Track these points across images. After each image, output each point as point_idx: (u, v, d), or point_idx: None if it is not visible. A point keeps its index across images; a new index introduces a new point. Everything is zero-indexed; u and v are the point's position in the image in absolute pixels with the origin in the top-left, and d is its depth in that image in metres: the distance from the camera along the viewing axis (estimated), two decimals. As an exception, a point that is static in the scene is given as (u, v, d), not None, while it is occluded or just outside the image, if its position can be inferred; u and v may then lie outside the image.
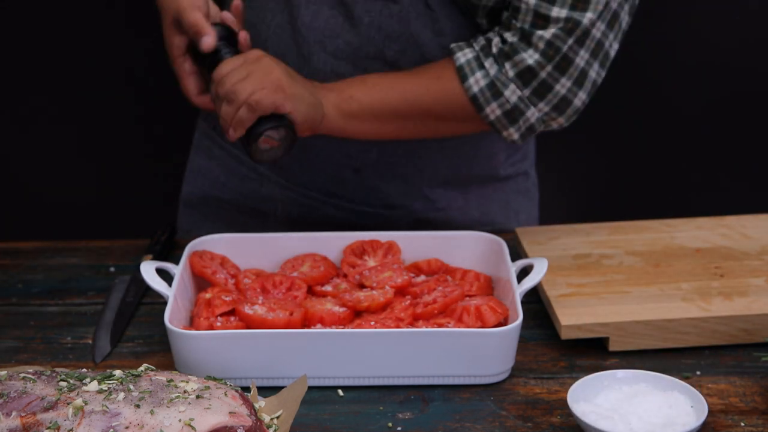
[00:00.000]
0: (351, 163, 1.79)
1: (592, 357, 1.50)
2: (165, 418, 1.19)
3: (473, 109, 1.63)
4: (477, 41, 1.63)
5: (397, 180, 1.81)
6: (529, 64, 1.59)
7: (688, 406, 1.33)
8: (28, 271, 1.75)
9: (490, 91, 1.61)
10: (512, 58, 1.59)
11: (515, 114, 1.62)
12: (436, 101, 1.64)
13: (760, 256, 1.68)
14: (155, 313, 1.61)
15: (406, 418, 1.38)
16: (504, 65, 1.60)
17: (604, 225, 1.79)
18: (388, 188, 1.82)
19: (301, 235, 1.66)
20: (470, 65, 1.61)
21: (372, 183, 1.81)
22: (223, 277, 1.59)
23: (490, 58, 1.61)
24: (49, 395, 1.22)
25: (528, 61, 1.59)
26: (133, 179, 2.67)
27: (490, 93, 1.61)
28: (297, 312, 1.49)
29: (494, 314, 1.48)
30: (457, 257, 1.64)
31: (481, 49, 1.62)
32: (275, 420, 1.28)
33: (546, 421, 1.37)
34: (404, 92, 1.63)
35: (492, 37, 1.62)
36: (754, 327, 1.51)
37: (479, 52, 1.61)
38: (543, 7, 1.56)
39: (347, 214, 1.83)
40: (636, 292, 1.58)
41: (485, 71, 1.60)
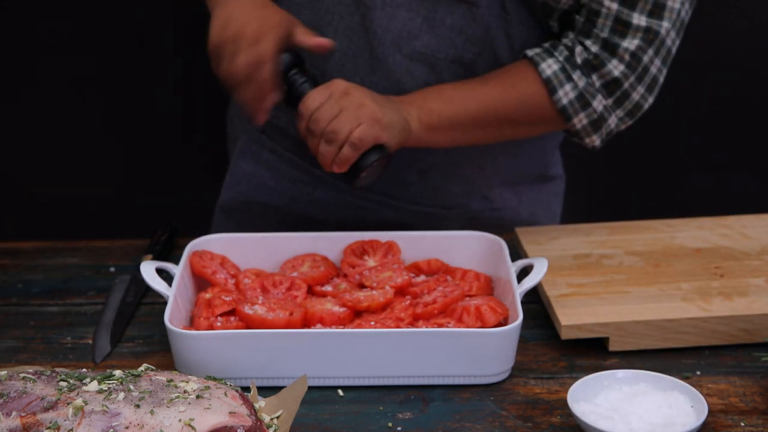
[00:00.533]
0: (416, 164, 1.78)
1: (592, 357, 1.50)
2: (165, 418, 1.19)
3: (560, 119, 1.66)
4: (558, 50, 1.64)
5: (459, 180, 1.81)
6: (616, 75, 1.62)
7: (688, 406, 1.33)
8: (28, 271, 1.75)
9: (579, 102, 1.64)
10: (599, 69, 1.62)
11: (600, 122, 1.66)
12: (515, 109, 1.65)
13: (760, 256, 1.68)
14: (155, 313, 1.61)
15: (406, 418, 1.38)
16: (591, 76, 1.63)
17: (604, 225, 1.79)
18: (450, 188, 1.81)
19: (301, 235, 1.66)
20: (558, 77, 1.63)
21: (435, 184, 1.81)
22: (223, 277, 1.59)
23: (578, 69, 1.63)
24: (49, 395, 1.22)
25: (614, 73, 1.62)
26: (134, 179, 2.67)
27: (579, 104, 1.64)
28: (297, 312, 1.49)
29: (494, 314, 1.48)
30: (457, 257, 1.64)
31: (566, 59, 1.63)
32: (275, 420, 1.28)
33: (546, 421, 1.37)
34: (482, 102, 1.64)
35: (573, 46, 1.63)
36: (754, 327, 1.51)
37: (564, 63, 1.63)
38: (624, 14, 1.59)
39: (404, 215, 1.81)
40: (636, 292, 1.58)
41: (574, 83, 1.63)
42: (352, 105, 1.54)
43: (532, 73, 1.64)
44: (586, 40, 1.63)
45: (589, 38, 1.62)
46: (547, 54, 1.64)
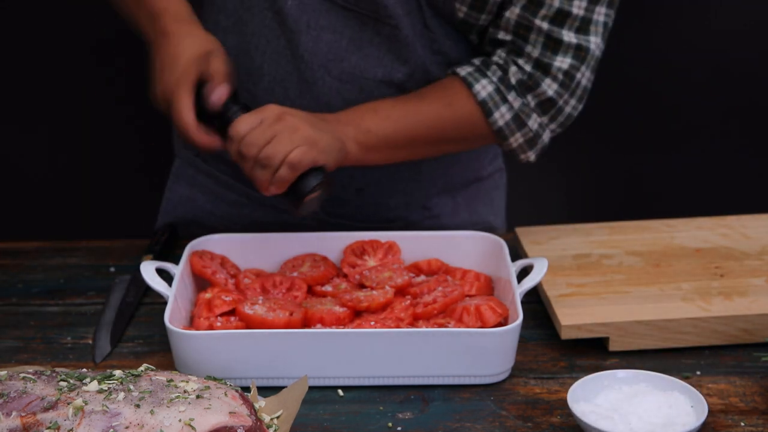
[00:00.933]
0: (353, 183, 1.78)
1: (592, 357, 1.50)
2: (165, 418, 1.19)
3: (496, 138, 1.66)
4: (491, 70, 1.63)
5: (398, 194, 1.81)
6: (550, 95, 1.63)
7: (688, 406, 1.33)
8: (28, 271, 1.75)
9: (515, 123, 1.64)
10: (534, 90, 1.62)
11: (535, 139, 1.67)
12: (452, 128, 1.65)
13: (760, 256, 1.68)
14: (155, 313, 1.61)
15: (406, 418, 1.38)
16: (526, 96, 1.63)
17: (604, 225, 1.79)
18: (390, 203, 1.81)
19: (301, 235, 1.66)
20: (493, 99, 1.63)
21: (374, 200, 1.81)
22: (223, 277, 1.59)
23: (512, 90, 1.63)
24: (49, 395, 1.22)
25: (549, 93, 1.62)
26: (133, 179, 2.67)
27: (515, 125, 1.64)
28: (297, 312, 1.49)
29: (494, 314, 1.48)
30: (457, 257, 1.64)
31: (500, 80, 1.63)
32: (275, 420, 1.28)
33: (546, 421, 1.37)
34: (417, 121, 1.63)
35: (506, 65, 1.63)
36: (754, 327, 1.51)
37: (498, 83, 1.63)
38: (555, 32, 1.59)
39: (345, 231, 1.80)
40: (636, 292, 1.58)
41: (509, 104, 1.63)
42: (286, 129, 1.52)
43: (466, 93, 1.64)
44: (518, 58, 1.62)
45: (521, 57, 1.62)
46: (479, 74, 1.64)
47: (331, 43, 1.65)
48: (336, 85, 1.67)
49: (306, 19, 1.64)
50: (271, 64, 1.68)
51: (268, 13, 1.66)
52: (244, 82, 1.69)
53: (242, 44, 1.70)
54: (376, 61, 1.66)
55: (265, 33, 1.68)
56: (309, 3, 1.63)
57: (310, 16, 1.64)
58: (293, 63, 1.67)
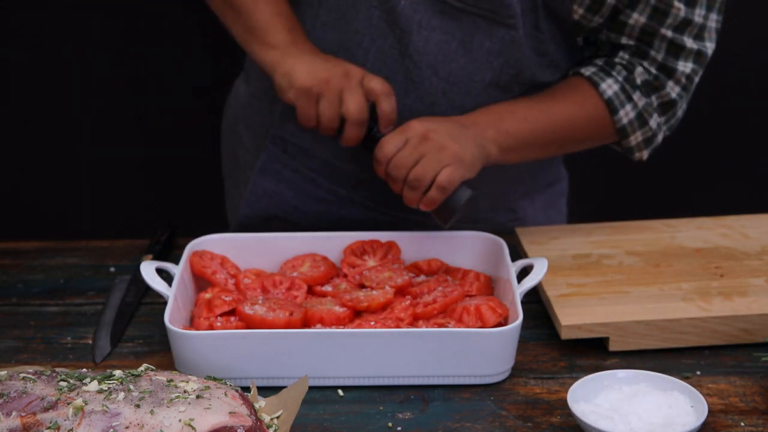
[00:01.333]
0: None
1: (592, 357, 1.50)
2: (165, 418, 1.19)
3: (617, 136, 1.70)
4: (615, 70, 1.67)
5: (484, 198, 1.80)
6: (673, 97, 1.67)
7: (688, 406, 1.33)
8: (28, 271, 1.75)
9: (638, 121, 1.68)
10: (659, 91, 1.67)
11: (652, 138, 1.71)
12: (581, 128, 1.69)
13: (760, 256, 1.68)
14: (155, 313, 1.61)
15: (406, 418, 1.38)
16: (650, 96, 1.67)
17: (604, 225, 1.79)
18: (477, 206, 1.79)
19: (301, 235, 1.66)
20: (619, 98, 1.66)
21: None
22: (223, 277, 1.59)
23: (637, 90, 1.66)
24: (49, 395, 1.22)
25: (672, 95, 1.67)
26: (133, 179, 2.67)
27: (638, 123, 1.68)
28: (297, 312, 1.49)
29: (494, 314, 1.48)
30: (457, 257, 1.64)
31: (625, 79, 1.66)
32: (275, 420, 1.28)
33: (546, 421, 1.37)
34: (554, 122, 1.66)
35: (631, 66, 1.66)
36: (754, 327, 1.51)
37: (624, 83, 1.66)
38: (678, 38, 1.64)
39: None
40: (636, 292, 1.58)
41: (634, 103, 1.66)
42: (433, 149, 1.55)
43: (593, 92, 1.67)
44: (643, 61, 1.67)
45: (646, 60, 1.66)
46: (604, 74, 1.67)
47: (441, 44, 1.66)
48: (443, 86, 1.68)
49: (418, 19, 1.65)
50: (374, 62, 1.68)
51: (375, 11, 1.66)
52: None
53: (343, 41, 1.69)
54: (485, 63, 1.67)
55: (370, 31, 1.68)
56: (422, 3, 1.64)
57: (422, 16, 1.64)
58: (400, 62, 1.68)
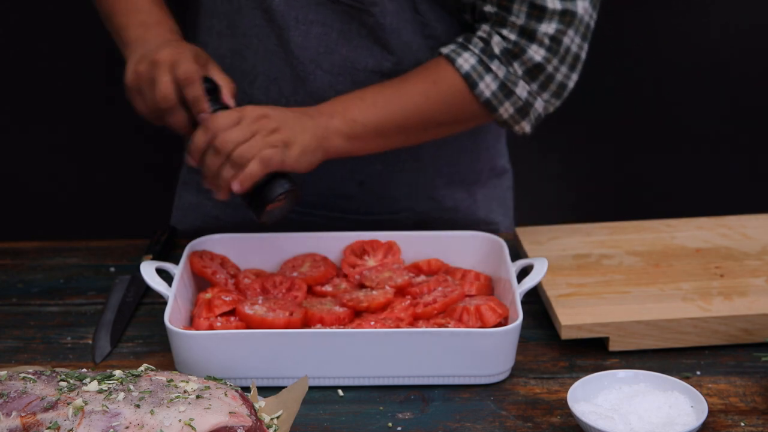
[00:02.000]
0: (355, 177, 1.78)
1: (592, 357, 1.50)
2: (165, 418, 1.19)
3: (486, 111, 1.65)
4: (472, 43, 1.63)
5: (402, 185, 1.81)
6: (538, 60, 1.61)
7: (688, 406, 1.33)
8: (28, 271, 1.75)
9: (502, 92, 1.62)
10: (520, 57, 1.61)
11: (526, 108, 1.64)
12: (440, 108, 1.64)
13: (760, 256, 1.68)
14: (155, 313, 1.61)
15: (406, 418, 1.38)
16: (512, 64, 1.62)
17: (604, 225, 1.79)
18: (393, 194, 1.81)
19: (301, 235, 1.66)
20: (476, 71, 1.61)
21: (377, 192, 1.80)
22: (223, 277, 1.59)
23: (496, 59, 1.61)
24: (49, 395, 1.22)
25: (536, 58, 1.61)
26: (133, 179, 2.67)
27: (502, 94, 1.62)
28: (297, 312, 1.49)
29: (494, 314, 1.48)
30: (457, 257, 1.64)
31: (482, 51, 1.61)
32: (275, 420, 1.28)
33: (546, 421, 1.37)
34: (405, 104, 1.62)
35: (488, 37, 1.62)
36: (754, 327, 1.51)
37: (480, 54, 1.61)
38: (538, 1, 1.58)
39: (353, 225, 1.80)
40: (636, 292, 1.58)
41: (493, 74, 1.61)
42: (264, 130, 1.52)
43: (450, 69, 1.62)
44: (502, 29, 1.61)
45: (505, 27, 1.61)
46: (462, 48, 1.63)
47: (320, 36, 1.66)
48: (328, 78, 1.67)
49: (294, 15, 1.65)
50: (264, 63, 1.69)
51: (257, 12, 1.66)
52: (239, 83, 1.69)
53: (235, 46, 1.71)
54: (365, 51, 1.66)
55: (256, 32, 1.68)
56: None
57: (298, 12, 1.65)
58: (285, 60, 1.68)
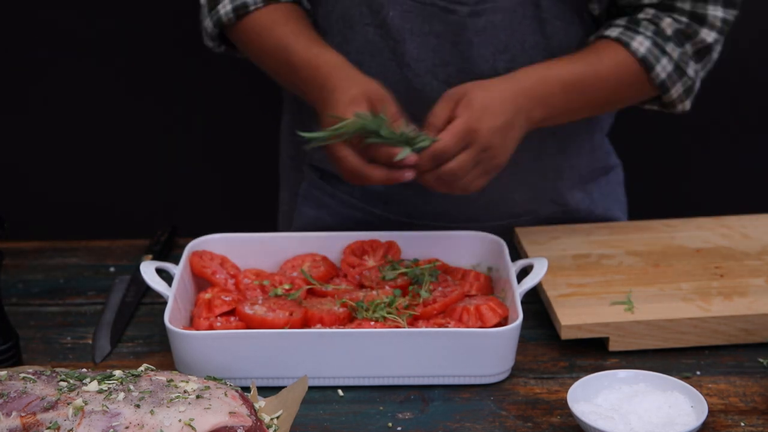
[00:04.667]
0: None
1: (592, 357, 1.50)
2: (165, 418, 1.19)
3: (657, 92, 1.67)
4: (642, 26, 1.64)
5: (523, 187, 1.80)
6: (709, 42, 1.65)
7: (688, 406, 1.33)
8: (28, 271, 1.75)
9: (676, 73, 1.65)
10: (693, 38, 1.64)
11: (692, 87, 1.68)
12: (619, 92, 1.66)
13: (760, 256, 1.68)
14: (155, 313, 1.61)
15: (406, 418, 1.38)
16: (685, 45, 1.64)
17: (604, 225, 1.79)
18: (515, 197, 1.80)
19: (301, 235, 1.66)
20: (653, 53, 1.63)
21: (497, 196, 1.78)
22: (223, 277, 1.59)
23: (670, 41, 1.64)
24: (49, 395, 1.22)
25: (708, 40, 1.65)
26: (133, 179, 2.67)
27: (677, 75, 1.65)
28: (297, 312, 1.49)
29: (494, 314, 1.48)
30: (457, 257, 1.64)
31: (655, 33, 1.63)
32: (275, 420, 1.28)
33: (546, 421, 1.37)
34: (601, 88, 1.64)
35: (657, 20, 1.64)
36: (754, 327, 1.51)
37: (654, 37, 1.63)
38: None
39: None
40: (636, 292, 1.58)
41: (669, 56, 1.64)
42: (486, 159, 1.52)
43: (625, 53, 1.64)
44: (671, 13, 1.64)
45: (674, 12, 1.64)
46: (632, 32, 1.64)
47: (435, 47, 1.66)
48: (444, 88, 1.66)
49: (409, 27, 1.65)
50: (379, 77, 1.67)
51: (369, 28, 1.67)
52: None
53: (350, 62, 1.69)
54: (478, 58, 1.66)
55: (369, 48, 1.69)
56: (410, 10, 1.64)
57: (413, 24, 1.65)
58: (400, 73, 1.68)
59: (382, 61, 1.69)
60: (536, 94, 1.59)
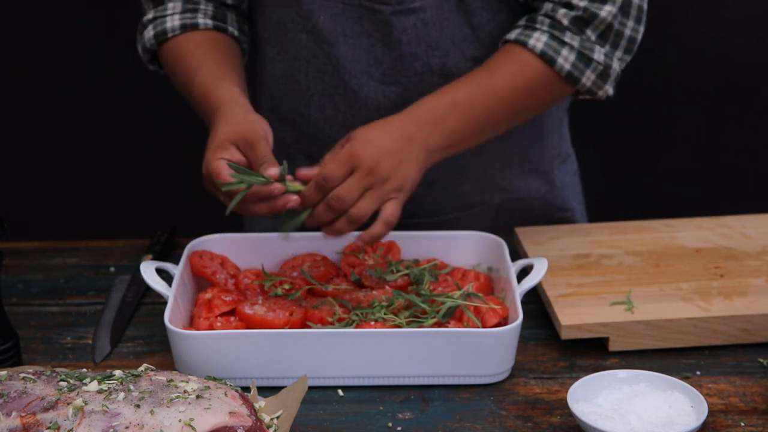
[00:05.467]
0: (424, 179, 1.78)
1: (592, 357, 1.50)
2: (165, 418, 1.19)
3: (568, 84, 1.64)
4: (538, 22, 1.62)
5: (470, 180, 1.80)
6: (609, 21, 1.61)
7: (688, 406, 1.33)
8: (28, 271, 1.75)
9: (581, 61, 1.62)
10: (592, 22, 1.61)
11: (606, 71, 1.64)
12: (528, 95, 1.63)
13: (760, 256, 1.68)
14: (155, 313, 1.61)
15: (406, 418, 1.38)
16: (585, 31, 1.62)
17: (604, 225, 1.79)
18: (464, 189, 1.81)
19: (301, 235, 1.66)
20: (551, 46, 1.61)
21: (447, 191, 1.80)
22: (223, 277, 1.59)
23: (567, 31, 1.61)
24: (49, 395, 1.22)
25: (608, 19, 1.61)
26: (133, 179, 2.67)
27: (582, 63, 1.62)
28: (297, 312, 1.49)
29: (494, 314, 1.48)
30: (457, 257, 1.64)
31: (551, 27, 1.62)
32: (275, 420, 1.28)
33: (546, 421, 1.37)
34: (499, 102, 1.61)
35: (553, 13, 1.62)
36: (754, 327, 1.51)
37: (550, 30, 1.61)
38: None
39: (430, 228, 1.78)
40: (636, 292, 1.58)
41: (569, 45, 1.61)
42: (378, 182, 1.51)
43: (525, 53, 1.62)
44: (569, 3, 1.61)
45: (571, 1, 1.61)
46: (529, 30, 1.63)
47: (368, 47, 1.67)
48: (381, 88, 1.69)
49: (341, 29, 1.67)
50: (317, 82, 1.71)
51: (302, 34, 1.69)
52: (296, 106, 1.74)
53: (287, 70, 1.73)
54: (410, 56, 1.67)
55: (304, 54, 1.71)
56: (340, 13, 1.66)
57: (344, 26, 1.66)
58: (337, 76, 1.70)
59: (318, 65, 1.71)
60: (428, 120, 1.57)
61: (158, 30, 1.72)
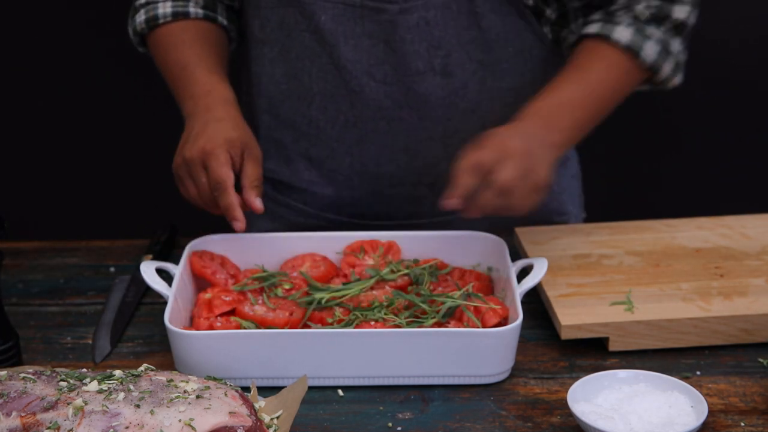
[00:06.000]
0: (423, 180, 1.79)
1: (592, 357, 1.50)
2: (165, 418, 1.19)
3: (649, 73, 1.69)
4: (618, 16, 1.66)
5: None
6: (683, 19, 1.67)
7: (688, 406, 1.33)
8: (28, 271, 1.75)
9: (661, 54, 1.66)
10: (670, 17, 1.66)
11: (679, 62, 1.70)
12: (617, 88, 1.67)
13: (760, 256, 1.68)
14: (155, 313, 1.61)
15: (406, 418, 1.38)
16: (661, 27, 1.66)
17: (604, 225, 1.79)
18: None
19: (301, 235, 1.66)
20: (636, 39, 1.65)
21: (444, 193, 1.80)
22: (223, 277, 1.59)
23: (649, 25, 1.65)
24: (49, 395, 1.22)
25: (681, 17, 1.67)
26: (133, 179, 2.67)
27: (664, 54, 1.67)
28: (297, 312, 1.49)
29: (494, 314, 1.48)
30: (457, 257, 1.64)
31: (633, 20, 1.65)
32: (275, 420, 1.28)
33: (546, 421, 1.37)
34: (595, 99, 1.65)
35: (630, 6, 1.66)
36: (754, 327, 1.51)
37: (633, 23, 1.65)
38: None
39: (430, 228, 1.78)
40: (636, 292, 1.58)
41: (652, 38, 1.65)
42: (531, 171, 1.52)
43: (609, 48, 1.65)
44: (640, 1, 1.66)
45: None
46: (611, 24, 1.66)
47: (369, 48, 1.67)
48: (383, 88, 1.69)
49: (342, 30, 1.67)
50: (318, 82, 1.72)
51: (305, 34, 1.70)
52: (298, 106, 1.75)
53: (289, 70, 1.74)
54: (413, 55, 1.67)
55: (307, 54, 1.71)
56: (342, 13, 1.66)
57: (345, 26, 1.67)
58: (339, 76, 1.70)
59: (321, 65, 1.71)
60: (543, 122, 1.60)
61: (149, 15, 1.77)
